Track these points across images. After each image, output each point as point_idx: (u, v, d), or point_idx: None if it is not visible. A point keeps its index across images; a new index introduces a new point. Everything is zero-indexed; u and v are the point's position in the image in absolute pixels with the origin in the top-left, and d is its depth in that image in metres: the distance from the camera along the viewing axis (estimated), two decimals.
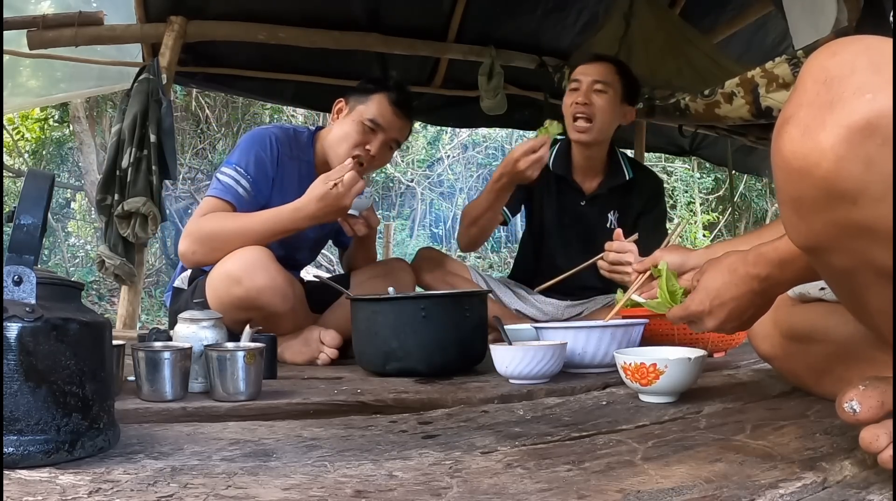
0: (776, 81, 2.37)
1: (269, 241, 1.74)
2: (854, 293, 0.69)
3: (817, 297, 1.09)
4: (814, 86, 0.58)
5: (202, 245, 1.74)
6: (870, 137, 0.54)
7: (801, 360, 1.12)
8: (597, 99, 2.14)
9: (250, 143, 1.90)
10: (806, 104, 0.58)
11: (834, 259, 0.64)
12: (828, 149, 0.56)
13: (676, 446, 0.84)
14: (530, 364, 1.31)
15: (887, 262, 0.59)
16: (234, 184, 1.81)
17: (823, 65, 0.59)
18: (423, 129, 9.81)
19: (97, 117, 7.31)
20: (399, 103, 1.94)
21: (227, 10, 3.22)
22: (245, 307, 1.63)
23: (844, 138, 0.55)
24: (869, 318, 0.73)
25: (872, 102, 0.54)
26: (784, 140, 0.60)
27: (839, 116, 0.55)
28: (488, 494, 0.67)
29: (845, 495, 0.64)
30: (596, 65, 2.19)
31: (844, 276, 0.66)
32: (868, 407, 0.63)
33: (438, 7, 3.61)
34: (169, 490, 0.68)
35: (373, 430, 0.99)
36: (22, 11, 3.06)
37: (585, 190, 2.32)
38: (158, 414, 1.09)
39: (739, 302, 0.97)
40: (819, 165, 0.56)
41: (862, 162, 0.54)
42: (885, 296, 0.64)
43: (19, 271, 0.74)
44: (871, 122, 0.54)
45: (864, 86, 0.55)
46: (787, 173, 0.60)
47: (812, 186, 0.58)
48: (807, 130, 0.57)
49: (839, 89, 0.56)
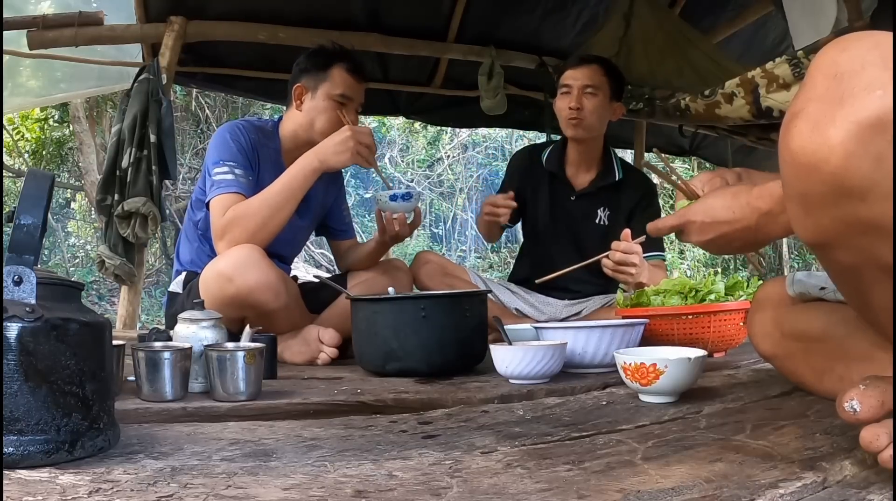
0: (776, 81, 2.37)
1: (293, 200, 1.77)
2: (859, 290, 0.69)
3: (817, 297, 1.09)
4: (824, 81, 0.58)
5: (241, 234, 1.72)
6: (880, 134, 0.53)
7: (802, 359, 1.12)
8: (588, 102, 2.23)
9: (223, 137, 1.90)
10: (815, 99, 0.58)
11: (840, 255, 0.64)
12: (837, 145, 0.55)
13: (676, 446, 0.84)
14: (530, 364, 1.31)
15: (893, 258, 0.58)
16: (231, 176, 1.81)
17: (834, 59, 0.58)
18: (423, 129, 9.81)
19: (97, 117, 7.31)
20: (356, 69, 1.99)
21: (227, 10, 3.22)
22: (238, 305, 1.64)
23: (854, 134, 0.54)
24: (873, 315, 0.72)
25: (883, 98, 0.53)
26: (793, 135, 0.59)
27: (849, 111, 0.54)
28: (488, 494, 0.67)
29: (845, 495, 0.64)
30: (584, 69, 2.26)
31: (850, 272, 0.66)
32: (868, 407, 0.62)
33: (438, 7, 3.61)
34: (169, 490, 0.68)
35: (373, 430, 0.99)
36: (22, 11, 3.06)
37: (576, 186, 2.39)
38: (158, 414, 1.08)
39: (731, 227, 0.97)
40: (828, 161, 0.56)
41: (871, 159, 0.54)
42: (890, 293, 0.64)
43: (19, 271, 0.74)
44: (882, 118, 0.53)
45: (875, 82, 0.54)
46: (795, 169, 0.59)
47: (820, 182, 0.57)
48: (816, 126, 0.57)
49: (849, 85, 0.55)
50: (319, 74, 1.96)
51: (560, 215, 2.39)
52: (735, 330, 1.68)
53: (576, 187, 2.38)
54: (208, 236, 1.93)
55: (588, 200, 2.37)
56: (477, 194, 9.98)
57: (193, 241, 2.02)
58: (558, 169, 2.38)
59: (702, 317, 1.63)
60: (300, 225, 2.06)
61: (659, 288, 1.76)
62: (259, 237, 1.73)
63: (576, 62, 2.32)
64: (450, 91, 4.07)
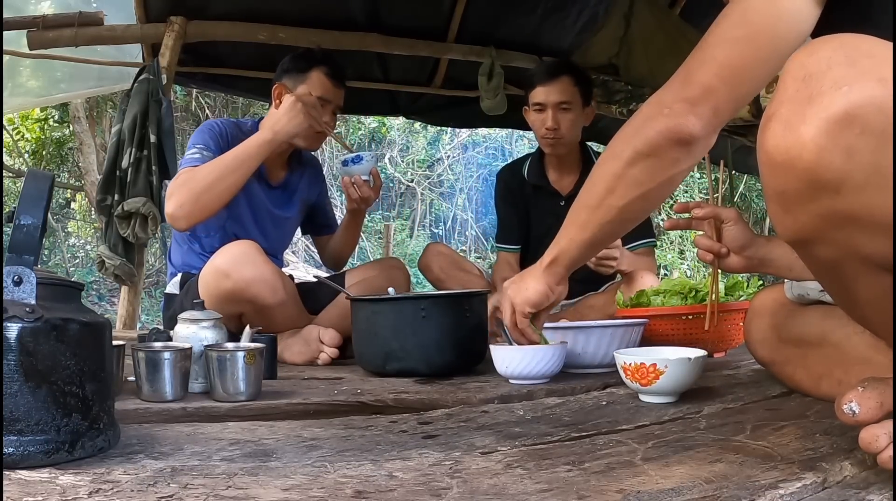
0: (776, 81, 2.37)
1: (242, 168, 1.81)
2: (843, 286, 0.70)
3: (817, 299, 1.09)
4: (793, 83, 0.60)
5: (185, 194, 1.77)
6: (848, 127, 0.55)
7: (800, 364, 1.12)
8: (563, 119, 2.26)
9: (200, 129, 1.98)
10: (787, 101, 0.60)
11: (821, 251, 0.65)
12: (809, 141, 0.57)
13: (676, 446, 0.84)
14: (530, 364, 1.31)
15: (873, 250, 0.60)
16: (199, 156, 1.87)
17: (802, 62, 0.61)
18: (423, 129, 9.81)
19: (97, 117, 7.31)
20: (335, 75, 2.02)
21: (227, 10, 3.22)
22: (235, 300, 1.67)
23: (824, 130, 0.56)
24: (859, 310, 0.73)
25: (849, 93, 0.56)
26: (767, 136, 0.61)
27: (818, 109, 0.57)
28: (488, 494, 0.67)
29: (845, 495, 0.64)
30: (555, 84, 2.25)
31: (832, 268, 0.67)
32: (867, 408, 0.63)
33: (438, 7, 3.61)
34: (169, 491, 0.68)
35: (373, 430, 0.99)
36: (22, 11, 3.06)
37: (562, 190, 2.41)
38: (158, 414, 1.09)
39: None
40: (801, 157, 0.58)
41: (842, 152, 0.56)
42: (874, 286, 0.65)
43: (19, 271, 0.74)
44: (850, 112, 0.55)
45: (841, 79, 0.57)
46: (772, 168, 0.61)
47: (795, 179, 0.59)
48: (788, 125, 0.59)
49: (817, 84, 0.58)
50: (299, 76, 2.00)
51: (552, 222, 2.34)
52: (735, 330, 1.68)
53: (562, 192, 2.41)
54: (196, 234, 2.01)
55: None
56: (477, 194, 9.99)
57: (183, 243, 2.06)
58: (541, 180, 2.42)
59: (702, 317, 1.63)
60: (283, 216, 2.12)
61: (659, 288, 1.76)
62: (204, 200, 1.76)
63: (545, 77, 2.28)
64: (450, 91, 4.06)
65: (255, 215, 2.03)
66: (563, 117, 2.25)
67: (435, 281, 2.29)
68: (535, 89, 2.29)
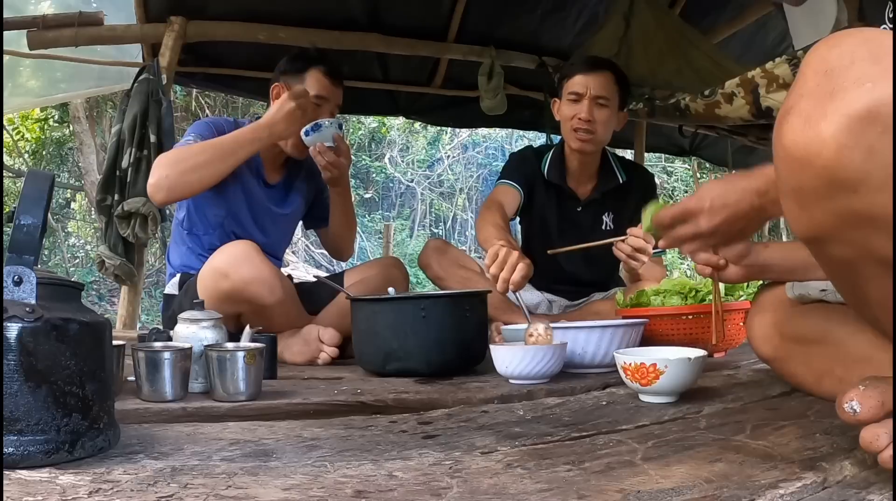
0: (776, 81, 2.37)
1: (231, 155, 1.81)
2: (855, 285, 0.69)
3: (818, 298, 1.09)
4: (814, 77, 0.58)
5: (172, 168, 1.77)
6: (870, 126, 0.54)
7: (802, 362, 1.12)
8: (599, 114, 2.13)
9: (199, 123, 2.00)
10: (807, 95, 0.59)
11: (835, 250, 0.64)
12: (829, 138, 0.56)
13: (676, 446, 0.84)
14: (530, 364, 1.31)
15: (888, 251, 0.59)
16: (192, 140, 1.88)
17: (824, 56, 0.59)
18: (423, 129, 9.82)
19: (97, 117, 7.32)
20: (333, 74, 2.02)
21: (227, 10, 3.22)
22: (234, 300, 1.67)
23: (845, 127, 0.55)
24: (870, 311, 0.72)
25: (872, 90, 0.54)
26: (785, 131, 0.60)
27: (840, 105, 0.55)
28: (488, 494, 0.67)
29: (845, 495, 0.64)
30: (597, 76, 2.14)
31: (846, 267, 0.66)
32: (868, 407, 0.62)
33: (438, 7, 3.61)
34: (169, 491, 0.68)
35: (373, 430, 0.99)
36: (22, 11, 3.06)
37: (580, 195, 2.31)
38: (158, 414, 1.08)
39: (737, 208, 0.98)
40: (820, 155, 0.56)
41: (863, 150, 0.55)
42: (886, 287, 0.64)
43: (19, 271, 0.74)
44: (872, 110, 0.54)
45: (864, 75, 0.55)
46: (789, 164, 0.60)
47: (813, 176, 0.58)
48: (808, 120, 0.57)
49: (839, 79, 0.56)
50: (297, 76, 2.00)
51: (567, 227, 2.31)
52: (735, 330, 1.68)
53: (580, 197, 2.30)
54: (194, 233, 2.01)
55: (594, 208, 2.30)
56: (477, 194, 9.99)
57: (181, 244, 2.05)
58: (560, 180, 2.29)
59: (702, 317, 1.63)
60: (282, 213, 2.12)
61: (659, 288, 1.76)
62: (189, 177, 1.76)
63: (587, 67, 2.17)
64: (450, 91, 4.07)
65: (254, 213, 2.03)
66: (599, 112, 2.12)
67: (435, 278, 2.27)
68: (573, 78, 2.16)
